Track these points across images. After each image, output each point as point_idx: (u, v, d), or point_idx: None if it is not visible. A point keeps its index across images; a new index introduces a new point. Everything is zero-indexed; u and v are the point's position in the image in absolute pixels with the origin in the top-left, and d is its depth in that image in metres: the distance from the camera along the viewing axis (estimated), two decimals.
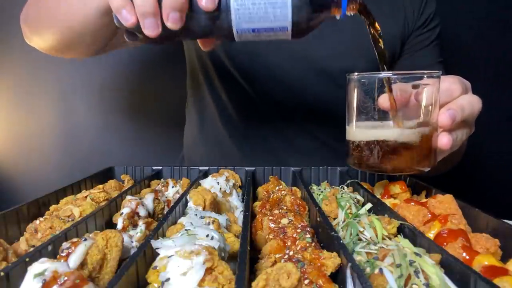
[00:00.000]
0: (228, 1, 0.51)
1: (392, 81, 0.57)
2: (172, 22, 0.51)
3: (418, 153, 0.58)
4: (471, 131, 0.64)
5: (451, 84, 0.59)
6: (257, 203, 0.67)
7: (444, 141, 0.58)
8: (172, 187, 0.75)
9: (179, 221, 0.53)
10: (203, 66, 1.06)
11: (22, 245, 0.52)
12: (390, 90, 0.57)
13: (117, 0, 0.52)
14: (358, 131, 0.61)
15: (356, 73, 0.60)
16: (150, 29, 0.51)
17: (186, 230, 0.47)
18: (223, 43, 0.97)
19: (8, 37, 1.45)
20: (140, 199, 0.62)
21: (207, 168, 0.87)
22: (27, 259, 0.39)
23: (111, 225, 0.58)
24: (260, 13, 0.51)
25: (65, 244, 0.41)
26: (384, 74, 0.58)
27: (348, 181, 0.77)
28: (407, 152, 0.58)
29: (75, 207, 0.60)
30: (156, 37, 0.52)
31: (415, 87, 0.58)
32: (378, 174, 0.85)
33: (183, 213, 0.60)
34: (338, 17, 0.57)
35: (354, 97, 0.61)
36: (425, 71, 0.57)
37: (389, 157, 0.58)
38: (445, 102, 0.59)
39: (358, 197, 0.67)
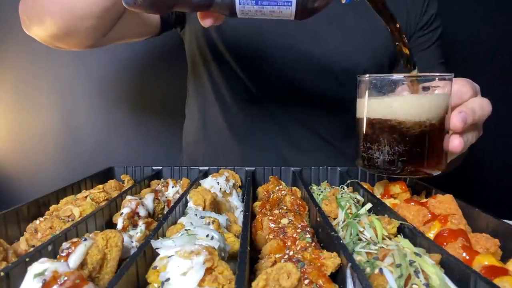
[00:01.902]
0: None
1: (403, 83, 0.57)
2: None
3: (429, 155, 0.57)
4: (480, 133, 0.64)
5: (461, 86, 0.59)
6: (257, 203, 0.67)
7: (455, 143, 0.57)
8: (172, 187, 0.75)
9: (179, 221, 0.53)
10: (204, 61, 1.06)
11: (22, 245, 0.52)
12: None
13: None
14: (371, 113, 0.60)
15: (368, 75, 0.60)
16: None
17: (186, 230, 0.47)
18: (225, 34, 0.97)
19: (8, 35, 1.45)
20: (140, 199, 0.62)
21: (207, 168, 0.87)
22: (27, 259, 0.39)
23: (111, 225, 0.58)
24: None
25: (65, 244, 0.41)
26: (396, 76, 0.57)
27: (348, 181, 0.77)
28: (417, 153, 0.57)
29: (75, 207, 0.60)
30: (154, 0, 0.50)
31: (425, 89, 0.57)
32: (378, 174, 0.85)
33: (183, 213, 0.60)
34: (343, 1, 0.56)
35: (365, 98, 0.61)
36: (437, 74, 0.56)
37: (399, 158, 0.58)
38: (456, 105, 0.59)
39: (358, 197, 0.67)
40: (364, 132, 0.61)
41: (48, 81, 1.50)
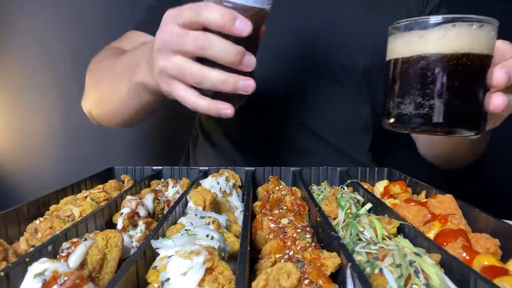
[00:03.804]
0: None
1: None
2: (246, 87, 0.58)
3: (467, 110, 0.52)
4: None
5: (503, 44, 0.54)
6: (257, 203, 0.67)
7: (497, 101, 0.51)
8: (172, 187, 0.75)
9: (179, 221, 0.53)
10: None
11: (22, 245, 0.52)
12: None
13: (204, 104, 0.58)
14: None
15: (403, 20, 0.54)
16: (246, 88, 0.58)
17: (186, 230, 0.47)
18: None
19: (8, 37, 1.45)
20: (140, 199, 0.62)
21: (207, 168, 0.86)
22: (27, 259, 0.39)
23: (111, 225, 0.58)
24: None
25: (65, 244, 0.41)
26: (434, 18, 0.51)
27: (348, 181, 0.77)
28: (455, 107, 0.51)
29: (75, 207, 0.60)
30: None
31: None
32: (378, 171, 0.85)
33: (183, 213, 0.60)
34: None
35: (397, 50, 0.55)
36: (482, 17, 0.50)
37: (434, 111, 0.51)
38: (496, 63, 0.53)
39: (358, 197, 0.67)
40: (396, 81, 0.55)
41: (48, 81, 1.50)
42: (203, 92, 0.59)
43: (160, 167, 0.90)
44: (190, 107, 0.60)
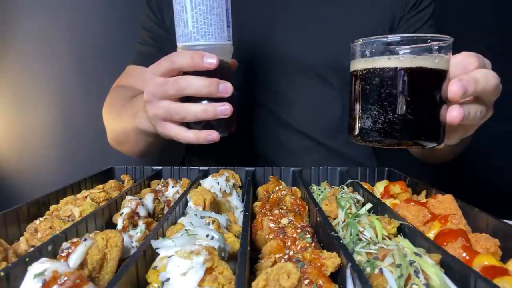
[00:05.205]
0: None
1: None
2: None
3: (425, 124, 0.54)
4: (488, 112, 0.59)
5: (466, 56, 0.55)
6: (257, 203, 0.67)
7: (453, 113, 0.53)
8: (172, 187, 0.75)
9: (179, 221, 0.53)
10: None
11: (22, 245, 0.52)
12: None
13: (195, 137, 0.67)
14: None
15: (361, 39, 0.57)
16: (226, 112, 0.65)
17: (186, 230, 0.47)
18: None
19: (8, 37, 1.45)
20: (140, 199, 0.62)
21: (207, 168, 0.86)
22: (27, 259, 0.39)
23: (111, 225, 0.58)
24: None
25: (65, 244, 0.41)
26: (392, 38, 0.54)
27: (348, 181, 0.77)
28: (414, 121, 0.53)
29: (75, 207, 0.60)
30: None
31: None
32: (378, 171, 0.85)
33: (183, 213, 0.60)
34: None
35: (356, 64, 0.57)
36: (437, 35, 0.53)
37: (394, 125, 0.53)
38: (457, 75, 0.54)
39: (358, 197, 0.67)
40: (354, 94, 0.58)
41: (48, 80, 1.50)
42: (193, 126, 0.68)
43: (160, 167, 0.90)
44: (182, 141, 0.69)
